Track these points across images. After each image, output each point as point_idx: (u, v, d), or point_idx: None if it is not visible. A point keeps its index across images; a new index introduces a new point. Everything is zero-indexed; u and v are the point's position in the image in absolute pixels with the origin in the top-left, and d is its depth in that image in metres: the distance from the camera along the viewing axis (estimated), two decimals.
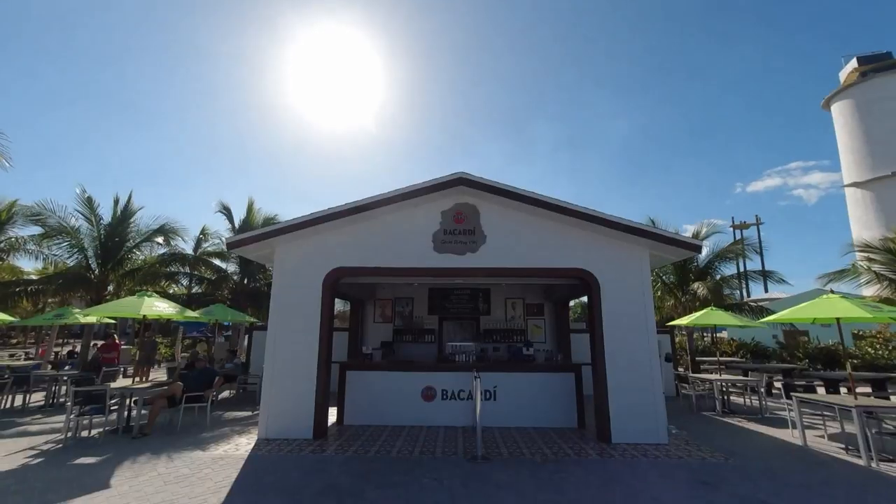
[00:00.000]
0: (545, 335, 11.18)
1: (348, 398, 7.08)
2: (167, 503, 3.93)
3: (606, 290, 6.53)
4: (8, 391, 8.04)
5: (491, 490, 4.25)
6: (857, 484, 4.62)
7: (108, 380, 8.83)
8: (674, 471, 4.91)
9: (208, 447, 5.74)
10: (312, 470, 4.83)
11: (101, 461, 5.15)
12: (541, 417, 6.94)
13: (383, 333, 11.09)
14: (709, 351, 17.75)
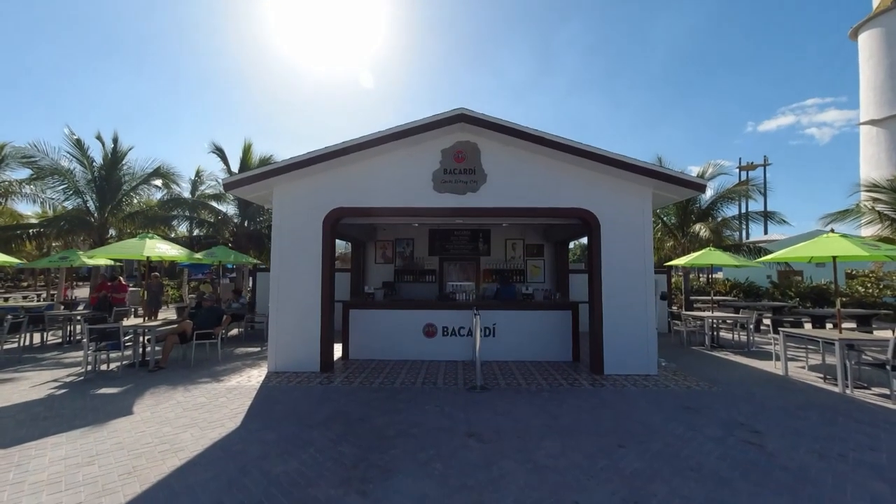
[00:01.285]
0: (544, 275, 11.38)
1: (352, 335, 7.37)
2: (188, 426, 4.23)
3: (606, 231, 6.54)
4: (24, 330, 8.36)
5: (489, 416, 4.55)
6: (830, 406, 4.94)
7: (119, 319, 9.13)
8: (660, 398, 5.23)
9: (222, 379, 6.08)
10: (321, 399, 5.15)
11: (122, 391, 5.48)
12: (538, 352, 7.27)
13: (385, 274, 11.29)
14: (703, 291, 18.16)
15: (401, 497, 2.90)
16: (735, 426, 4.28)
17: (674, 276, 16.02)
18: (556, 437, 3.97)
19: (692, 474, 3.26)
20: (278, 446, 3.74)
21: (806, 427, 4.28)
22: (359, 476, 3.20)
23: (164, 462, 3.45)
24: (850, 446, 3.81)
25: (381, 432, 4.06)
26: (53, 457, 3.56)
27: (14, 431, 4.11)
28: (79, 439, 3.92)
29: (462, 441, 3.85)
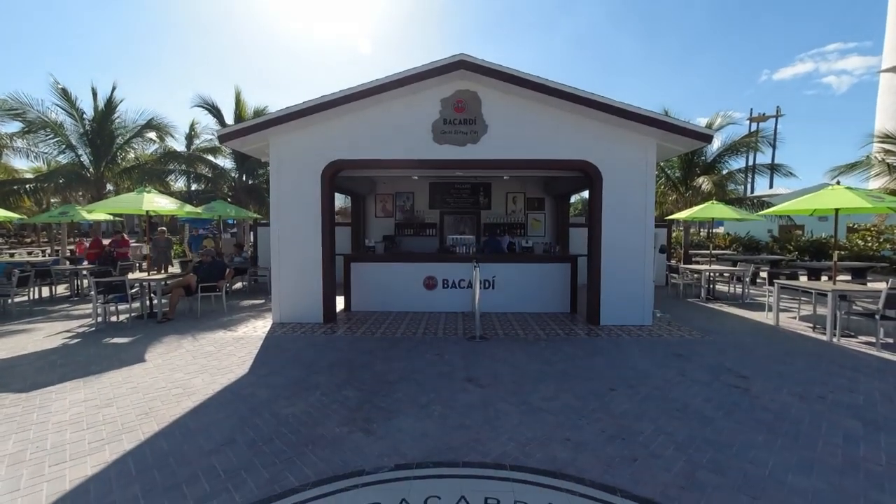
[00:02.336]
0: (544, 229, 11.38)
1: (354, 288, 7.51)
2: (199, 373, 4.43)
3: (609, 183, 6.46)
4: (32, 284, 8.53)
5: (487, 362, 4.74)
6: (816, 353, 5.12)
7: (124, 274, 9.27)
8: (653, 346, 5.41)
9: (228, 329, 6.28)
10: (325, 347, 5.34)
11: (132, 341, 5.68)
12: (536, 304, 7.43)
13: (385, 228, 11.30)
14: (703, 245, 18.23)
15: (403, 435, 3.09)
16: (722, 371, 4.46)
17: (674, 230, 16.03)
18: (551, 381, 4.16)
19: (677, 414, 3.45)
20: (286, 390, 3.94)
21: (790, 372, 4.46)
22: (363, 416, 3.39)
23: (178, 404, 3.65)
24: (829, 389, 3.99)
25: (383, 378, 4.25)
26: (73, 399, 3.76)
27: (33, 377, 4.31)
28: (95, 384, 4.13)
29: (461, 385, 4.04)
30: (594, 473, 2.61)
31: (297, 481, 2.53)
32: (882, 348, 5.32)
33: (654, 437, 3.07)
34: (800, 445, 2.96)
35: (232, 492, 2.43)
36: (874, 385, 4.10)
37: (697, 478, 2.57)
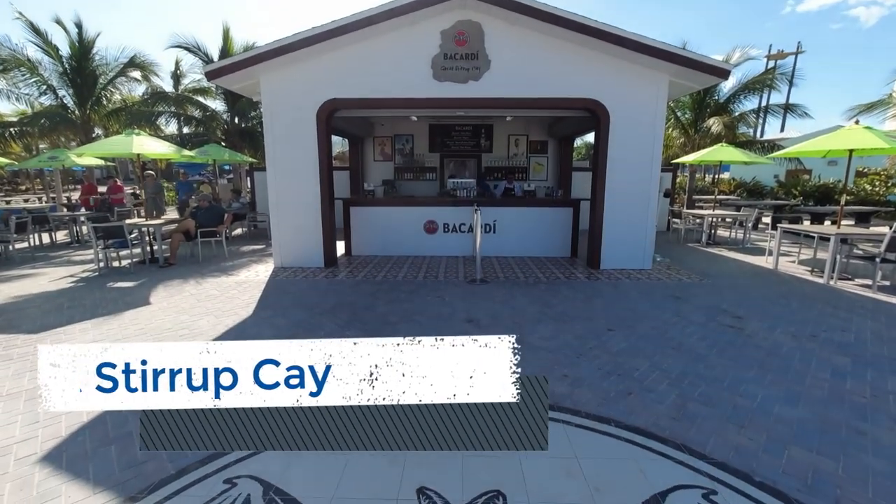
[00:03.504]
0: (547, 173, 11.13)
1: (354, 232, 7.46)
2: (203, 315, 4.51)
3: (616, 123, 6.18)
4: (31, 231, 8.49)
5: (487, 304, 4.81)
6: (812, 295, 5.19)
7: (121, 219, 9.20)
8: (651, 289, 5.47)
9: (230, 274, 6.32)
10: (327, 290, 5.40)
11: (136, 285, 5.74)
12: (537, 248, 7.43)
13: (384, 172, 11.05)
14: (708, 191, 17.95)
15: None
16: (718, 312, 4.54)
17: (679, 175, 15.71)
18: (550, 322, 4.24)
19: (672, 352, 3.54)
20: (290, 330, 4.03)
21: (785, 313, 4.54)
22: None
23: None
24: (822, 328, 4.08)
25: (385, 318, 4.33)
26: (83, 340, 3.85)
27: (42, 319, 4.39)
28: (103, 325, 4.21)
29: (462, 326, 4.12)
30: (590, 406, 2.71)
31: None
32: (878, 290, 5.38)
33: (649, 373, 3.17)
34: (788, 380, 3.06)
35: None
36: (866, 325, 4.19)
37: (688, 409, 2.68)
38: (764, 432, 2.44)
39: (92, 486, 2.05)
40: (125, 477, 2.11)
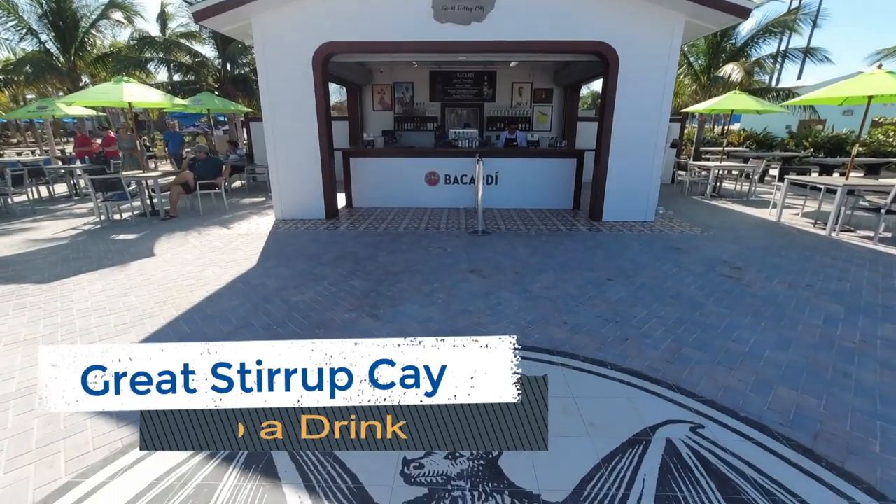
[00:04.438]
0: (551, 123, 10.80)
1: (354, 184, 7.38)
2: (208, 265, 4.57)
3: (626, 69, 5.88)
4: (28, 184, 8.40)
5: (489, 255, 4.85)
6: (812, 247, 5.21)
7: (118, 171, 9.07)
8: (653, 240, 5.48)
9: (232, 226, 6.33)
10: (329, 242, 5.43)
11: (139, 237, 5.76)
12: (539, 200, 7.36)
13: (384, 122, 10.73)
14: (716, 142, 17.48)
15: (408, 319, 3.28)
16: (718, 263, 4.57)
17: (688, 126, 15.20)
18: (551, 272, 4.29)
19: (670, 300, 3.61)
20: (294, 280, 4.09)
21: (784, 263, 4.57)
22: (370, 303, 3.56)
23: (192, 293, 3.82)
24: (819, 278, 4.12)
25: (387, 269, 4.39)
26: (92, 289, 3.93)
27: (49, 270, 4.46)
28: (111, 276, 4.28)
29: (463, 276, 4.18)
30: (588, 351, 2.81)
31: None
32: (879, 242, 5.38)
33: (646, 320, 3.25)
34: (781, 326, 3.15)
35: None
36: (863, 274, 4.23)
37: (682, 353, 2.78)
38: (753, 374, 2.54)
39: (115, 421, 2.17)
40: None
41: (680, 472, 1.81)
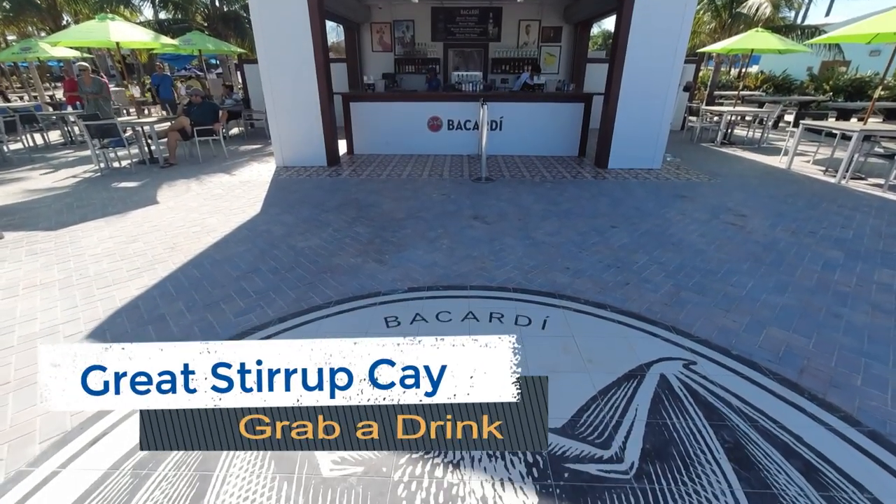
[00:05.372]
0: (559, 65, 10.29)
1: (355, 129, 7.19)
2: (213, 213, 4.58)
3: (642, 3, 5.49)
4: (21, 131, 8.21)
5: (492, 202, 4.83)
6: (820, 194, 5.15)
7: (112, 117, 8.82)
8: (659, 188, 5.42)
9: (233, 173, 6.26)
10: (331, 189, 5.40)
11: (140, 185, 5.73)
12: (544, 147, 7.19)
13: (384, 64, 10.24)
14: (732, 85, 16.68)
15: (413, 264, 3.34)
16: (722, 211, 4.55)
17: (703, 68, 14.45)
18: (555, 219, 4.29)
19: (672, 247, 3.64)
20: (298, 227, 4.12)
21: (789, 211, 4.55)
22: (375, 249, 3.61)
23: (199, 240, 3.87)
24: (823, 225, 4.12)
25: (391, 216, 4.40)
26: (100, 236, 3.98)
27: (55, 217, 4.49)
28: (117, 223, 4.31)
29: (467, 223, 4.19)
30: (589, 294, 2.88)
31: (321, 300, 2.83)
32: (889, 189, 5.31)
33: (648, 265, 3.31)
34: (780, 272, 3.20)
35: (265, 308, 2.75)
36: (868, 222, 4.22)
37: (680, 297, 2.85)
38: (748, 316, 2.62)
39: None
40: None
41: (670, 402, 1.93)
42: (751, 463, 1.62)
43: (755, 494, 1.51)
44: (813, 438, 1.73)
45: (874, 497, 1.49)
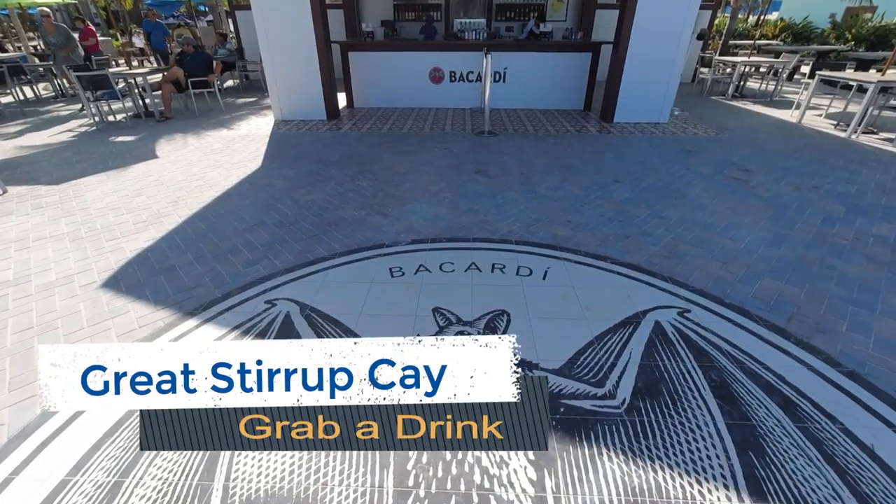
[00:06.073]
0: (566, 11, 9.76)
1: (354, 81, 6.97)
2: (213, 167, 4.55)
3: None
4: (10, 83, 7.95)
5: (495, 156, 4.78)
6: (828, 149, 5.07)
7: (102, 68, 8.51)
8: (664, 143, 5.33)
9: (231, 127, 6.15)
10: (332, 143, 5.32)
11: (138, 139, 5.65)
12: (549, 99, 6.99)
13: (382, 10, 9.74)
14: (748, 34, 15.86)
15: (416, 217, 3.37)
16: (727, 165, 4.51)
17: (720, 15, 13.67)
18: (558, 173, 4.27)
19: (674, 201, 3.65)
20: (301, 181, 4.11)
21: (795, 165, 4.50)
22: (378, 202, 3.63)
23: (202, 194, 3.88)
24: (828, 180, 4.10)
25: (393, 169, 4.37)
26: (104, 190, 3.99)
27: (56, 171, 4.47)
28: (118, 177, 4.31)
29: (470, 177, 4.18)
30: (589, 247, 2.93)
31: (326, 252, 2.89)
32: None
33: (649, 219, 3.33)
34: (779, 225, 3.23)
35: (272, 259, 2.82)
36: (874, 177, 4.19)
37: (679, 250, 2.90)
38: (744, 267, 2.68)
39: (153, 305, 2.39)
40: (179, 299, 2.44)
41: (663, 346, 2.03)
42: (734, 399, 1.74)
43: (735, 425, 1.63)
44: (794, 377, 1.83)
45: (845, 427, 1.61)
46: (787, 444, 1.55)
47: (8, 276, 2.67)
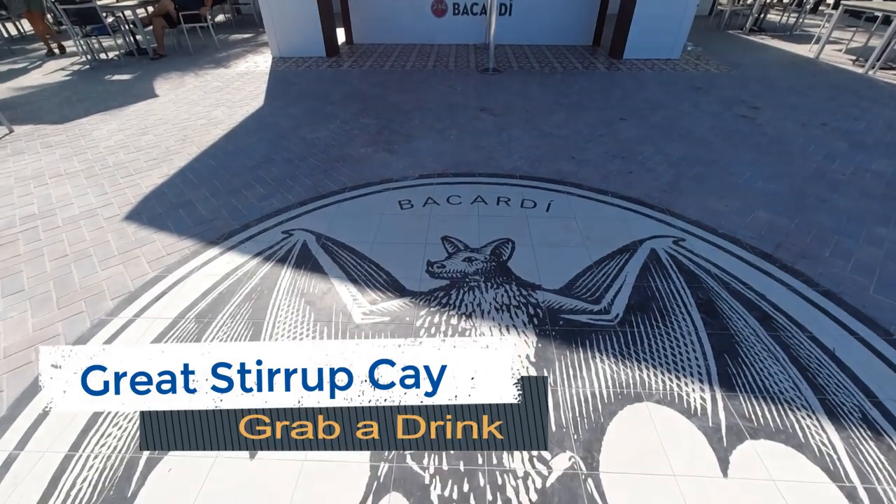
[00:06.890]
0: None
1: (353, 16, 6.64)
2: (216, 105, 4.51)
3: None
4: None
5: (500, 94, 4.70)
6: (841, 85, 4.96)
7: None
8: (674, 80, 5.20)
9: (228, 65, 5.97)
10: (334, 81, 5.21)
11: (135, 77, 5.52)
12: (556, 35, 6.69)
13: None
14: None
15: (422, 153, 3.41)
16: (736, 103, 4.44)
17: None
18: (563, 111, 4.23)
19: (679, 139, 3.67)
20: (306, 119, 4.10)
21: (805, 103, 4.44)
22: (384, 139, 3.66)
23: (209, 132, 3.89)
24: (836, 117, 4.07)
25: (397, 107, 4.33)
26: (110, 129, 4.00)
27: (58, 111, 4.44)
28: (122, 116, 4.29)
29: (475, 114, 4.15)
30: (592, 182, 3.01)
31: (336, 186, 2.98)
32: None
33: (652, 156, 3.38)
34: (781, 162, 3.28)
35: (284, 193, 2.91)
36: (883, 114, 4.15)
37: (679, 185, 2.98)
38: (740, 201, 2.78)
39: (176, 235, 2.53)
40: (200, 230, 2.57)
41: (657, 270, 2.19)
42: (717, 313, 1.92)
43: (715, 334, 1.81)
44: (774, 296, 2.00)
45: (812, 335, 1.80)
46: (759, 349, 1.74)
47: (33, 210, 2.79)
